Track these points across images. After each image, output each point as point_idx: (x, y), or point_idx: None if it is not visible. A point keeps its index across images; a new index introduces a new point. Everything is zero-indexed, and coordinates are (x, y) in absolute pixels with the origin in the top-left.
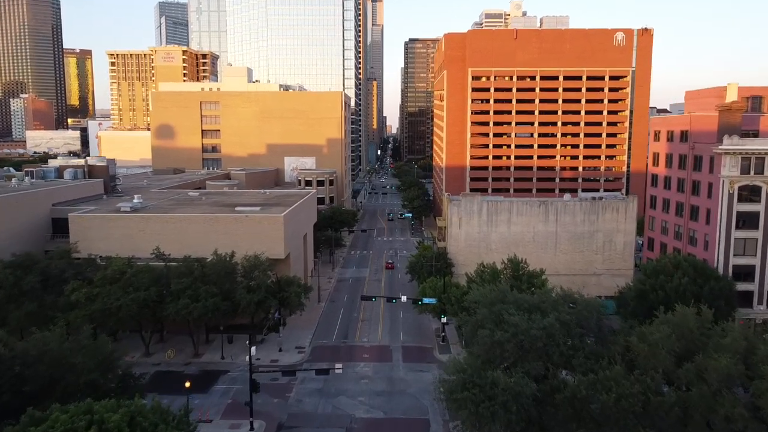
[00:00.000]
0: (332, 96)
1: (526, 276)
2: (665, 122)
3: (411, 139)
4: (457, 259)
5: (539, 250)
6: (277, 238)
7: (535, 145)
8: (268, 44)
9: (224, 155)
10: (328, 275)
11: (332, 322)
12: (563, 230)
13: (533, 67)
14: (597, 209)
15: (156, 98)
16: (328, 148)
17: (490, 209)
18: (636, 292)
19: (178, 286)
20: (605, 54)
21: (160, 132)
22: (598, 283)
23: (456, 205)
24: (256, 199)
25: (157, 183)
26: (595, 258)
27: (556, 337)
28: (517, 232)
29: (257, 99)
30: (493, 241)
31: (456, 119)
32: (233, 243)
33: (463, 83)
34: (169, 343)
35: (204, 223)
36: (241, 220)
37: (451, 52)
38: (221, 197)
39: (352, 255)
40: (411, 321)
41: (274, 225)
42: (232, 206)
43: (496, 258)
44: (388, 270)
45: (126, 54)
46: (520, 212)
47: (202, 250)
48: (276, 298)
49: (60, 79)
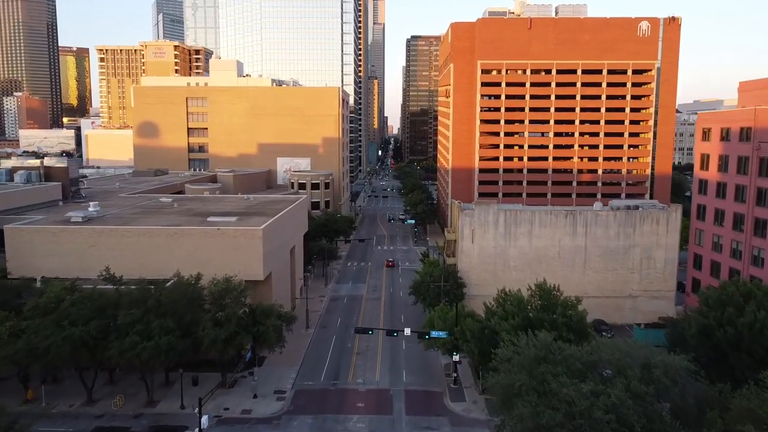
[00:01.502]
0: (329, 92)
1: (560, 306)
2: (718, 117)
3: (413, 140)
4: (469, 278)
5: (565, 268)
6: (255, 256)
7: (551, 145)
8: (262, 38)
9: (212, 155)
10: (320, 293)
11: (321, 356)
12: (594, 245)
13: (549, 59)
14: (634, 220)
15: (138, 93)
16: (324, 148)
17: (508, 220)
18: (697, 328)
19: (126, 319)
20: (628, 45)
21: (143, 130)
22: (634, 307)
23: (468, 215)
24: (236, 206)
25: (133, 186)
26: (631, 278)
27: (628, 419)
28: (540, 247)
29: (248, 95)
30: (512, 258)
31: (463, 117)
32: (202, 261)
33: (471, 78)
34: (120, 385)
35: (167, 238)
36: (212, 234)
37: (459, 43)
38: (197, 204)
39: (348, 267)
40: (416, 354)
41: (252, 240)
42: (207, 215)
43: (514, 277)
44: (388, 268)
45: (115, 49)
46: (544, 223)
47: (165, 269)
48: (249, 332)
49: (55, 77)
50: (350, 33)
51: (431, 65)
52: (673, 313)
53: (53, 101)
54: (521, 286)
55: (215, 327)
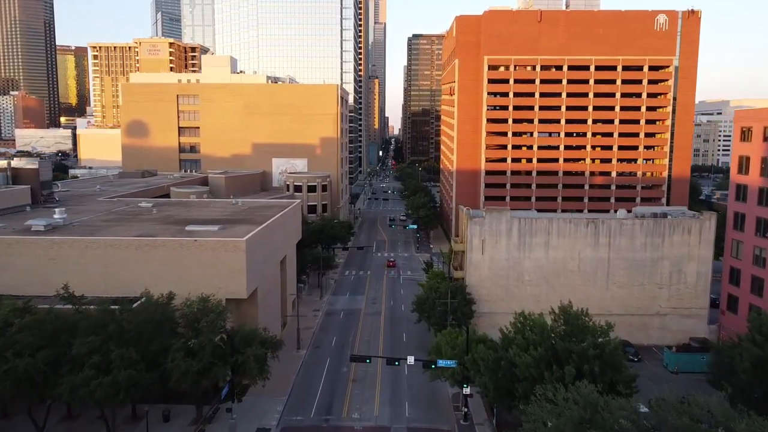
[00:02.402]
0: (327, 89)
1: (589, 334)
2: (760, 115)
3: (414, 140)
4: (479, 293)
5: (586, 282)
6: (237, 271)
7: (562, 146)
8: (259, 34)
9: (204, 155)
10: (314, 306)
11: (313, 384)
12: (618, 257)
13: (560, 55)
14: (662, 230)
15: (126, 91)
16: (321, 148)
17: (522, 229)
18: (750, 360)
19: (81, 348)
20: (644, 40)
21: (132, 129)
22: (662, 326)
23: (478, 223)
24: (222, 212)
25: (115, 189)
26: (659, 293)
27: None
28: (558, 259)
29: (242, 92)
30: (527, 271)
31: (468, 116)
32: (178, 277)
33: (477, 74)
34: (79, 422)
35: (137, 250)
36: (188, 246)
37: (464, 37)
38: (179, 210)
39: (345, 277)
40: (420, 382)
41: (234, 253)
42: (187, 223)
43: (529, 293)
44: (389, 268)
45: (109, 47)
46: (563, 233)
47: (135, 286)
48: (227, 363)
49: (52, 76)
50: (350, 29)
51: (433, 64)
52: (705, 333)
53: (50, 100)
54: (537, 303)
55: (186, 357)
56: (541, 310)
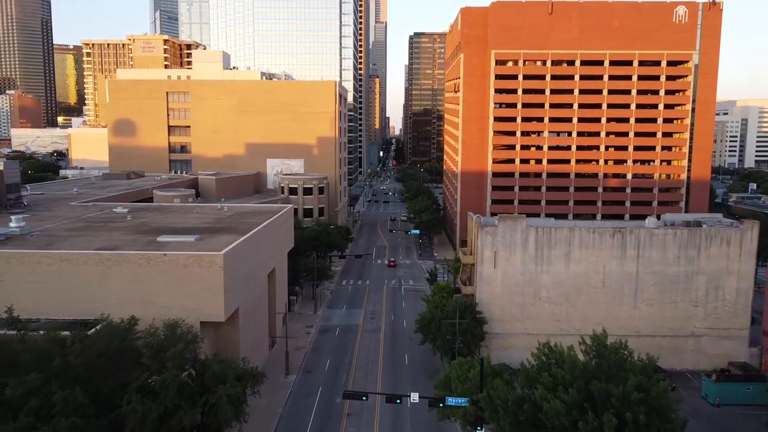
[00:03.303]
0: (324, 86)
1: (630, 373)
2: None
3: (415, 140)
4: (490, 312)
5: (611, 299)
6: (214, 290)
7: (574, 146)
8: (254, 30)
9: (195, 156)
10: (307, 322)
11: (302, 420)
12: (648, 271)
13: (572, 49)
14: (698, 241)
15: (113, 88)
16: (319, 148)
17: (540, 239)
18: None
19: (17, 390)
20: (662, 34)
21: (119, 128)
22: (697, 348)
23: (490, 233)
24: (204, 219)
25: (95, 192)
26: (694, 312)
27: None
28: (580, 274)
29: (234, 89)
30: (544, 286)
31: (474, 114)
32: (144, 298)
33: (484, 70)
34: None
35: (98, 266)
36: (156, 261)
37: (470, 30)
38: (157, 216)
39: (342, 287)
40: (425, 419)
41: (209, 269)
42: (162, 232)
43: (547, 311)
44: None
45: (103, 44)
46: (585, 244)
47: (96, 308)
48: (196, 405)
49: (50, 75)
50: (349, 25)
51: (435, 63)
52: (746, 357)
53: (48, 100)
54: (556, 322)
55: (146, 398)
56: (560, 330)
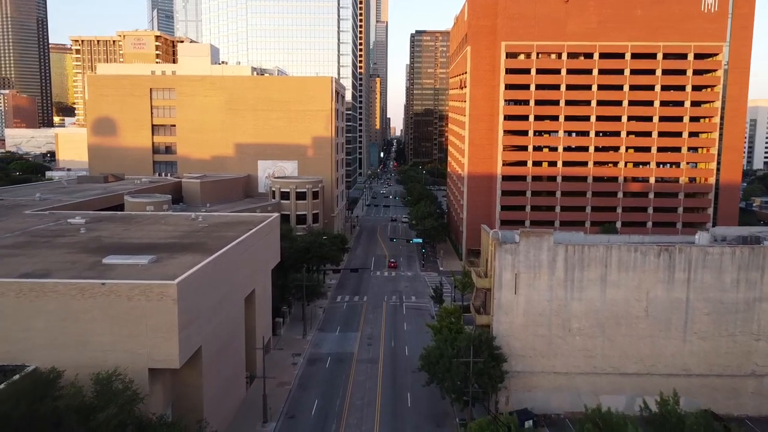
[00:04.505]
0: (320, 82)
1: None
2: None
3: (417, 141)
4: (511, 346)
5: (656, 332)
6: (166, 329)
7: (592, 147)
8: (248, 24)
9: (181, 157)
10: (294, 348)
11: None
12: (700, 297)
13: (590, 41)
14: (761, 261)
15: (93, 83)
16: (314, 149)
17: (570, 259)
18: None
19: None
20: (690, 23)
21: (99, 127)
22: (759, 390)
23: (509, 252)
24: (172, 231)
25: (61, 197)
26: (756, 347)
27: None
28: (619, 301)
29: (223, 85)
30: (576, 316)
31: (483, 112)
32: (77, 339)
33: (493, 64)
34: None
35: (18, 298)
36: (93, 293)
37: (477, 21)
38: (117, 228)
39: (337, 304)
40: None
41: (160, 303)
42: (115, 250)
43: (579, 346)
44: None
45: (92, 41)
46: (625, 265)
47: (15, 352)
48: None
49: (46, 74)
50: (348, 19)
51: (437, 62)
52: None
53: (43, 99)
54: (588, 359)
55: None
56: (594, 368)
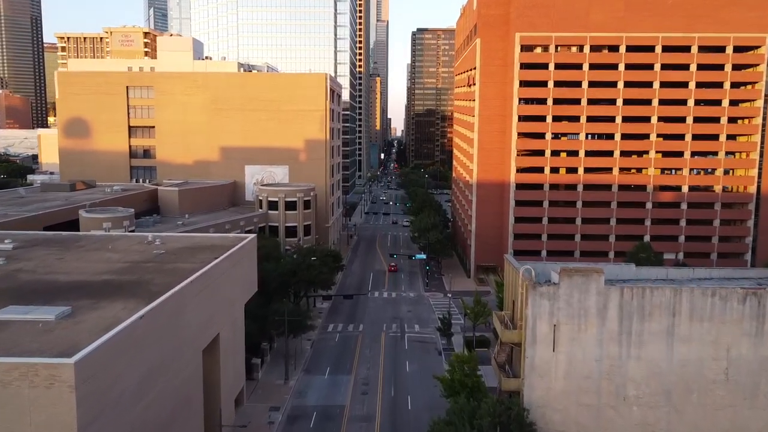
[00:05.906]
0: (313, 79)
1: None
2: None
3: (418, 142)
4: (548, 419)
5: (739, 400)
6: (59, 428)
7: (617, 152)
8: (239, 18)
9: (161, 162)
10: (272, 399)
11: None
12: None
13: (616, 32)
14: None
15: (63, 81)
16: (306, 152)
17: (626, 306)
18: None
19: None
20: (728, 12)
21: (71, 129)
22: None
23: (546, 296)
24: (117, 260)
25: (11, 210)
26: None
27: None
28: (690, 360)
29: (207, 83)
30: (632, 380)
31: (494, 113)
32: None
33: (505, 58)
34: None
35: None
36: None
37: (488, 10)
38: (50, 255)
39: (328, 335)
40: None
41: (50, 392)
42: (28, 293)
43: (636, 419)
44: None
45: (78, 37)
46: (698, 313)
47: None
48: None
49: (40, 74)
50: (345, 13)
51: (439, 61)
52: None
53: (37, 100)
54: None
55: None
56: None
